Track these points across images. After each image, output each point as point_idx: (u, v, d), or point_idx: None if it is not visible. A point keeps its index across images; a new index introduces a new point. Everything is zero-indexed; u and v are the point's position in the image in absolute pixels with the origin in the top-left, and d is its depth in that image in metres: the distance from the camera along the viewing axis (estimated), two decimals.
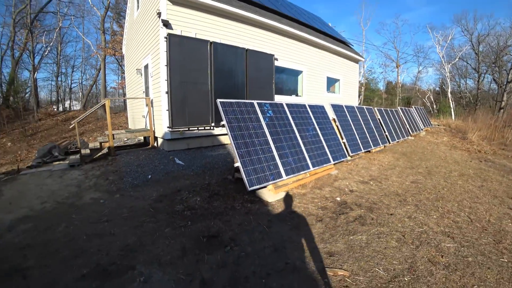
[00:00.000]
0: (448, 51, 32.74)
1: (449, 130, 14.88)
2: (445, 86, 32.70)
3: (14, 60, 21.75)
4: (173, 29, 6.74)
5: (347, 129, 7.05)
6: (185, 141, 7.22)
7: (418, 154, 8.23)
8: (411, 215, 3.69)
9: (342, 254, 2.70)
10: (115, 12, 23.26)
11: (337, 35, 15.00)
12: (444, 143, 10.79)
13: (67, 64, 30.96)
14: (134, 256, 2.70)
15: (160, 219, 3.48)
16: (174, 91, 6.54)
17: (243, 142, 4.05)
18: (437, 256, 2.72)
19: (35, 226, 3.54)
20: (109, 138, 6.89)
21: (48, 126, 16.89)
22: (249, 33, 8.57)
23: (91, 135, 14.28)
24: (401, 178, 5.51)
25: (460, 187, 5.14)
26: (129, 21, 11.68)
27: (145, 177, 5.26)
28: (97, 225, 3.44)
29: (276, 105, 5.19)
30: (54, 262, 2.69)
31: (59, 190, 4.95)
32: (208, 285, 2.26)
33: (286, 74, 10.78)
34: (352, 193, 4.49)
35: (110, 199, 4.35)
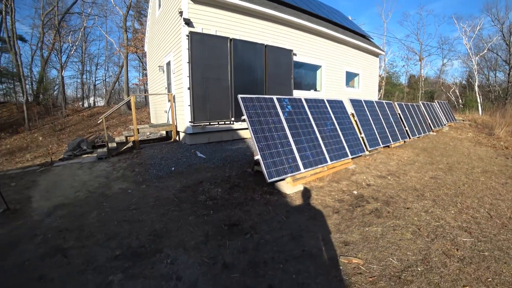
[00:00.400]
0: (476, 42, 31.16)
1: (475, 126, 14.30)
2: (472, 80, 31.21)
3: (43, 60, 22.98)
4: (194, 27, 6.95)
5: (365, 124, 7.02)
6: (206, 135, 7.47)
7: (440, 149, 8.05)
8: (428, 209, 3.71)
9: (357, 244, 2.80)
10: (136, 10, 23.91)
11: (356, 28, 14.72)
12: (468, 139, 10.43)
13: (91, 62, 32.36)
14: (161, 241, 2.93)
15: (184, 208, 3.71)
16: (195, 87, 6.77)
17: (263, 136, 4.21)
18: (452, 249, 2.76)
19: (70, 212, 3.88)
20: (134, 132, 7.25)
21: (75, 122, 17.79)
22: (268, 29, 8.65)
23: (115, 129, 14.93)
24: (420, 173, 5.47)
25: (482, 184, 5.04)
26: (150, 20, 12.05)
27: (169, 169, 5.54)
28: (126, 213, 3.71)
29: (295, 100, 5.29)
30: (90, 244, 2.97)
31: (90, 180, 5.32)
32: (230, 268, 2.44)
33: (305, 69, 10.78)
34: (369, 187, 4.54)
35: (137, 189, 4.65)
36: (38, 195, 4.72)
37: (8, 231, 3.41)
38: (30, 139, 14.25)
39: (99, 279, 2.36)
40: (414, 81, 36.28)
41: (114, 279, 2.34)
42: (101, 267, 2.54)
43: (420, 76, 34.02)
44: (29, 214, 3.90)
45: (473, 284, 2.25)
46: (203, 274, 2.37)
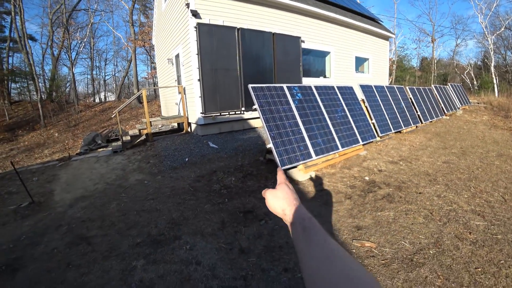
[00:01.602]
0: (492, 20, 29.74)
1: (490, 108, 13.89)
2: (487, 60, 30.04)
3: (54, 58, 23.43)
4: (202, 18, 6.95)
5: (376, 109, 6.96)
6: (217, 126, 7.56)
7: (453, 134, 7.91)
8: (441, 194, 3.72)
9: (369, 228, 2.86)
10: (142, 4, 23.91)
11: (365, 11, 14.34)
12: (483, 122, 10.18)
13: (100, 57, 32.79)
14: (179, 228, 3.06)
15: (200, 197, 3.83)
16: (205, 78, 6.83)
17: (274, 125, 4.25)
18: (465, 232, 2.78)
19: (91, 203, 4.07)
20: (147, 125, 7.41)
21: (88, 117, 18.20)
22: (275, 16, 8.55)
23: (127, 123, 15.22)
24: (433, 158, 5.43)
25: (496, 168, 4.97)
26: (157, 13, 12.05)
27: (183, 160, 5.68)
28: (144, 203, 3.87)
29: (305, 87, 5.28)
30: (112, 232, 3.13)
31: (107, 173, 5.51)
32: (246, 253, 2.55)
33: (314, 55, 10.65)
34: (381, 172, 4.55)
35: (153, 180, 4.80)
36: (59, 188, 4.94)
37: (35, 222, 3.62)
38: (47, 136, 14.72)
39: (123, 264, 2.51)
40: (426, 64, 35.21)
41: (137, 264, 2.49)
42: (124, 253, 2.69)
43: (433, 58, 32.95)
44: (52, 206, 4.11)
45: (485, 266, 2.29)
46: (221, 259, 2.48)
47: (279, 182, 0.72)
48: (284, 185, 0.69)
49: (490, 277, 2.17)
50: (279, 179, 0.73)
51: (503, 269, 2.26)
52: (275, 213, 0.67)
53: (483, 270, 2.24)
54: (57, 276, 2.44)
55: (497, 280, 2.14)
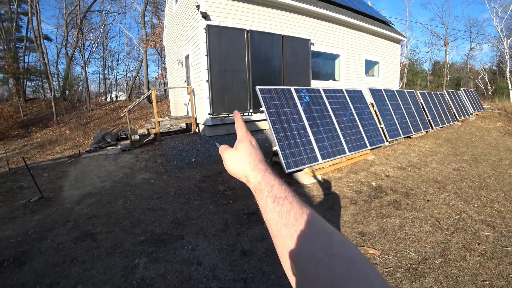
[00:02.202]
0: (508, 24, 28.93)
1: (505, 115, 13.52)
2: (503, 65, 29.28)
3: (68, 57, 24.01)
4: (211, 20, 7.00)
5: (385, 114, 6.86)
6: (225, 127, 7.59)
7: (465, 140, 7.73)
8: (450, 202, 3.63)
9: (374, 235, 2.81)
10: (154, 5, 24.29)
11: (376, 14, 14.19)
12: (497, 129, 9.92)
13: (112, 58, 33.50)
14: (182, 228, 3.08)
15: (204, 197, 3.85)
16: (214, 80, 6.87)
17: (281, 127, 4.24)
18: (473, 243, 2.70)
19: (98, 200, 4.13)
20: (155, 125, 7.50)
21: (99, 116, 18.53)
22: (284, 19, 8.55)
23: (137, 122, 15.43)
24: (443, 165, 5.31)
25: (509, 177, 4.82)
26: (168, 15, 12.21)
27: (189, 160, 5.72)
28: (150, 201, 3.91)
29: (313, 90, 5.26)
30: (117, 230, 3.17)
31: (115, 171, 5.60)
32: (248, 255, 2.54)
33: (323, 58, 10.59)
34: (388, 178, 4.48)
35: (159, 179, 4.85)
36: (68, 184, 5.04)
37: (44, 216, 3.70)
38: (59, 133, 15.04)
39: (125, 261, 2.54)
40: (439, 68, 34.55)
41: (139, 262, 2.51)
42: (127, 251, 2.71)
43: (445, 62, 32.31)
44: (61, 202, 4.20)
45: (493, 279, 2.21)
46: (222, 260, 2.48)
47: (239, 138, 0.56)
48: (247, 141, 0.54)
49: None
50: (239, 133, 0.57)
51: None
52: (237, 178, 0.54)
53: (491, 284, 2.17)
54: (62, 270, 2.48)
55: None
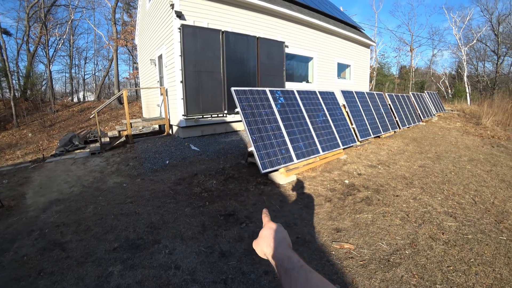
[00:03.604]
0: (465, 33, 31.44)
1: (463, 116, 14.61)
2: (461, 70, 31.61)
3: (29, 54, 22.41)
4: (186, 19, 6.89)
5: (356, 114, 7.14)
6: (199, 128, 7.49)
7: (429, 139, 8.24)
8: (416, 196, 3.86)
9: (348, 230, 2.92)
10: (125, 2, 23.41)
11: (348, 19, 14.75)
12: (456, 129, 10.68)
13: (80, 56, 31.65)
14: (158, 232, 3.00)
15: (180, 200, 3.77)
16: (188, 80, 6.76)
17: (256, 128, 4.27)
18: (438, 233, 2.90)
19: (66, 207, 3.90)
20: (127, 127, 7.23)
21: (65, 117, 17.51)
22: (260, 21, 8.62)
23: (107, 124, 14.77)
24: (409, 162, 5.63)
25: (468, 172, 5.22)
26: (141, 12, 11.85)
27: (163, 162, 5.58)
28: (123, 206, 3.76)
29: (288, 92, 5.35)
30: (88, 237, 3.02)
31: (84, 175, 5.32)
32: (227, 256, 2.53)
33: (297, 60, 10.81)
34: (360, 176, 4.67)
35: (132, 183, 4.68)
36: (32, 191, 4.72)
37: (4, 227, 3.43)
38: (19, 136, 14.01)
39: (98, 270, 2.42)
40: (405, 72, 36.58)
41: (114, 270, 2.41)
42: (100, 259, 2.59)
43: (411, 67, 34.31)
44: (24, 211, 3.91)
45: (457, 265, 2.40)
46: (201, 263, 2.45)
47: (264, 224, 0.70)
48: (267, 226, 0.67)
49: (461, 275, 2.27)
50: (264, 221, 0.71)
51: (473, 267, 2.37)
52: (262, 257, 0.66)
53: (455, 268, 2.35)
54: (27, 285, 2.31)
55: (467, 277, 2.25)
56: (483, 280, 2.23)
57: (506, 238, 2.88)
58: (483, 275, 2.28)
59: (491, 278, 2.26)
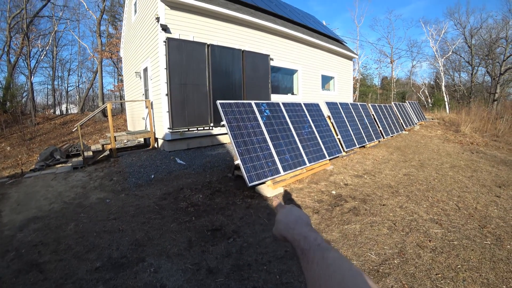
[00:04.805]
0: (441, 45, 33.05)
1: (443, 124, 15.14)
2: (439, 80, 32.99)
3: (10, 65, 21.77)
4: (172, 33, 6.91)
5: (341, 125, 7.27)
6: (185, 141, 7.41)
7: (412, 147, 8.46)
8: (403, 205, 3.91)
9: (337, 241, 2.91)
10: (111, 14, 23.31)
11: (330, 33, 15.20)
12: (437, 136, 11.04)
13: (63, 67, 30.97)
14: (143, 250, 2.89)
15: (166, 216, 3.67)
16: (173, 93, 6.72)
17: (242, 141, 4.26)
18: (425, 241, 2.94)
19: (45, 225, 3.72)
20: (111, 140, 7.06)
21: (46, 130, 16.96)
22: (245, 34, 8.75)
23: (90, 137, 14.40)
24: (394, 171, 5.74)
25: (450, 178, 5.37)
26: (126, 25, 11.81)
27: (148, 177, 5.45)
28: (106, 223, 3.62)
29: (273, 104, 5.39)
30: (68, 257, 2.88)
31: (65, 191, 5.12)
32: (214, 273, 2.46)
33: (282, 73, 10.98)
34: (346, 186, 4.70)
35: (116, 198, 4.53)
36: (8, 208, 4.48)
37: None
38: None
39: None
40: (387, 83, 37.82)
41: None
42: (80, 280, 2.47)
43: (392, 78, 35.54)
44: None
45: (445, 272, 2.42)
46: (187, 281, 2.37)
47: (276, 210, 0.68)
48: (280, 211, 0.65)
49: (449, 282, 2.30)
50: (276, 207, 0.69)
51: (460, 273, 2.41)
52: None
53: (443, 276, 2.37)
54: None
55: (455, 284, 2.27)
56: (471, 286, 2.25)
57: (490, 242, 2.95)
58: (471, 281, 2.31)
59: (478, 284, 2.29)
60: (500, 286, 2.27)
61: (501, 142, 10.83)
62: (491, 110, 19.52)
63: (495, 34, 30.66)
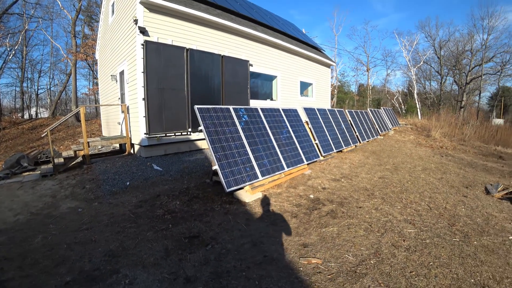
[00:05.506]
0: (413, 55, 34.98)
1: (415, 129, 15.88)
2: (411, 88, 34.72)
3: None
4: (150, 36, 6.78)
5: (319, 130, 7.41)
6: (163, 147, 7.24)
7: (386, 152, 8.78)
8: (378, 206, 4.04)
9: (315, 245, 2.94)
10: (87, 15, 22.53)
11: (310, 41, 15.57)
12: (410, 141, 11.54)
13: (33, 68, 29.37)
14: (117, 261, 2.77)
15: (142, 224, 3.55)
16: (151, 98, 6.57)
17: (220, 146, 4.23)
18: (400, 240, 3.04)
19: (9, 238, 3.48)
20: (84, 146, 6.77)
21: (13, 135, 16.00)
22: (225, 40, 8.76)
23: (62, 143, 13.73)
24: (370, 174, 5.92)
25: (422, 180, 5.62)
26: (103, 26, 11.46)
27: (123, 184, 5.26)
28: (77, 234, 3.44)
29: (251, 109, 5.41)
30: (35, 272, 2.69)
31: (33, 201, 4.82)
32: (192, 282, 2.40)
33: (261, 79, 11.07)
34: (324, 190, 4.79)
35: (88, 207, 4.33)
36: None
37: None
38: None
39: None
40: (363, 90, 39.21)
41: None
42: None
43: (368, 85, 36.92)
44: None
45: (418, 269, 2.53)
46: None
47: None
48: None
49: (422, 279, 2.39)
50: None
51: (432, 270, 2.51)
52: None
53: (417, 273, 2.47)
54: None
55: (428, 280, 2.37)
56: (442, 281, 2.36)
57: (459, 239, 3.11)
58: (442, 277, 2.42)
59: (449, 279, 2.40)
60: (468, 280, 2.39)
61: (468, 146, 11.52)
62: (458, 117, 20.74)
63: (461, 47, 32.94)
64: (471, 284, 2.34)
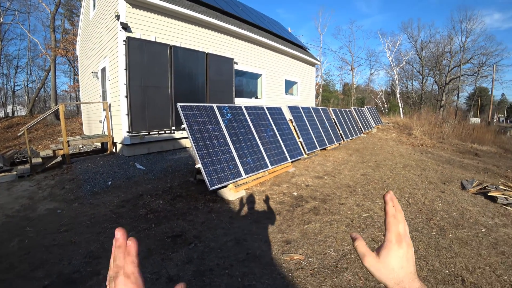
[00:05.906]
0: (396, 56, 35.87)
1: (398, 127, 16.31)
2: (394, 87, 35.59)
3: None
4: (133, 32, 6.63)
5: (303, 129, 7.50)
6: (146, 146, 7.12)
7: (369, 149, 8.99)
8: (360, 203, 4.13)
9: (298, 241, 2.98)
10: (67, 9, 21.71)
11: (295, 40, 15.67)
12: (392, 139, 11.85)
13: (9, 64, 28.15)
14: (98, 262, 2.71)
15: (123, 224, 3.49)
16: (133, 95, 6.44)
17: (204, 144, 4.21)
18: (380, 235, 3.13)
19: None
20: (63, 145, 6.56)
21: None
22: (209, 37, 8.69)
23: (40, 142, 13.25)
24: (353, 171, 6.04)
25: (403, 177, 5.79)
26: (84, 21, 11.10)
27: (105, 183, 5.14)
28: (56, 236, 3.34)
29: (235, 108, 5.41)
30: (11, 277, 2.60)
31: (8, 203, 4.64)
32: (175, 281, 2.38)
33: (246, 77, 11.06)
34: (308, 187, 4.85)
35: (68, 208, 4.21)
36: None
37: None
38: None
39: None
40: (348, 89, 39.90)
41: None
42: None
43: (352, 84, 37.59)
44: None
45: None
46: None
47: None
48: None
49: None
50: None
51: None
52: None
53: None
54: None
55: None
56: (419, 273, 2.45)
57: (436, 233, 3.23)
58: (419, 269, 2.52)
59: (425, 271, 2.49)
60: (443, 271, 2.50)
61: (446, 143, 11.95)
62: (438, 116, 21.46)
63: (441, 48, 34.07)
64: (445, 275, 2.44)
